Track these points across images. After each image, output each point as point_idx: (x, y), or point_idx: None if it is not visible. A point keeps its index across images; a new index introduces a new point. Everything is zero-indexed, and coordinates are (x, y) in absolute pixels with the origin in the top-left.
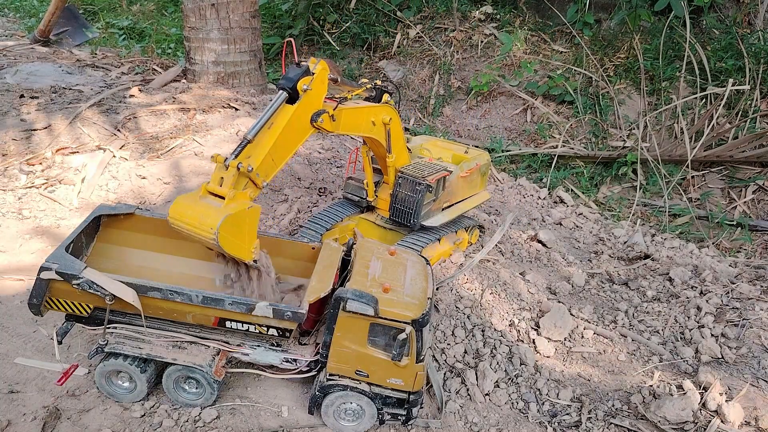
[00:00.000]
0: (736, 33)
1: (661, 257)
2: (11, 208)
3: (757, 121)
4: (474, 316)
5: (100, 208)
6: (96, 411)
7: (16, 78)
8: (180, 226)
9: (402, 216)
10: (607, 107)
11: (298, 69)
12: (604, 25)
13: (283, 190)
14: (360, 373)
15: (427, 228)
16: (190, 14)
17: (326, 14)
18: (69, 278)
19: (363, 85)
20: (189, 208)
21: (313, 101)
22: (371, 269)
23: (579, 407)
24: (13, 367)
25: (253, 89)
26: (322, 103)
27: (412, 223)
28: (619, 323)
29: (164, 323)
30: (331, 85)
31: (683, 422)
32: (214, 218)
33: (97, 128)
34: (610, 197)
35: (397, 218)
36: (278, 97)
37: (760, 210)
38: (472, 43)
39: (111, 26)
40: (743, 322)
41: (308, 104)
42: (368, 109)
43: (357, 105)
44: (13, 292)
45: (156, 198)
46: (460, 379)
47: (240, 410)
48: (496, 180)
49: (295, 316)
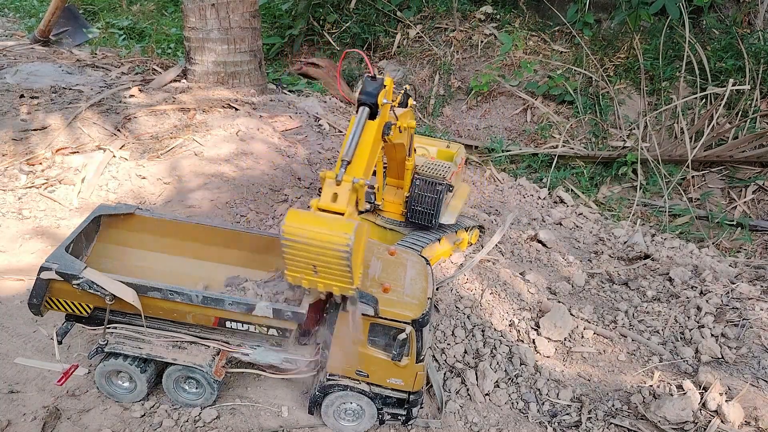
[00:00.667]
0: (736, 33)
1: (661, 257)
2: (11, 208)
3: (757, 121)
4: (474, 316)
5: (100, 208)
6: (96, 411)
7: (16, 78)
8: (299, 240)
9: (422, 217)
10: (607, 107)
11: (375, 82)
12: (604, 25)
13: (283, 190)
14: (360, 373)
15: (443, 226)
16: (190, 14)
17: (326, 14)
18: (69, 278)
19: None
20: (310, 221)
21: (386, 114)
22: (371, 269)
23: (579, 407)
24: (13, 367)
25: (253, 89)
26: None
27: (433, 223)
28: (619, 323)
29: (164, 323)
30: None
31: (683, 422)
32: (348, 227)
33: (97, 128)
34: (610, 197)
35: (417, 220)
36: (362, 114)
37: (760, 210)
38: (472, 43)
39: (111, 26)
40: (743, 322)
41: (384, 118)
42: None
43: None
44: (13, 292)
45: (156, 198)
46: (460, 379)
47: (240, 410)
48: (496, 180)
49: (295, 317)
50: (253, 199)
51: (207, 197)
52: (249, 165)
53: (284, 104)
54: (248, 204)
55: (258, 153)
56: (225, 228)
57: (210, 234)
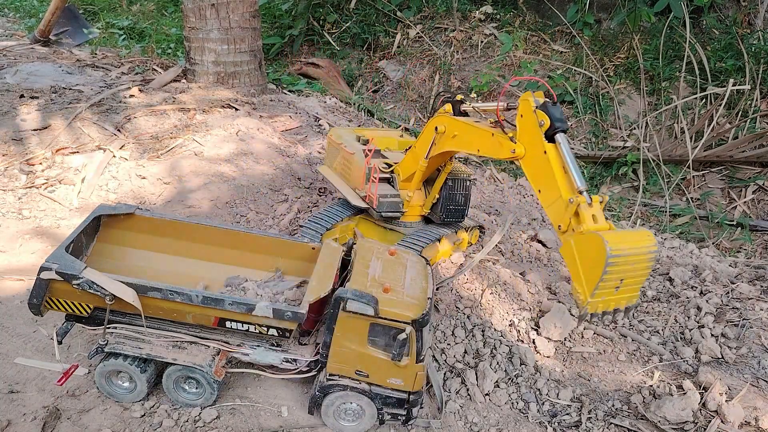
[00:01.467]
0: (736, 33)
1: (661, 257)
2: (11, 208)
3: (757, 121)
4: (474, 316)
5: (100, 208)
6: (96, 411)
7: (16, 78)
8: (626, 253)
9: (455, 214)
10: (607, 107)
11: (559, 106)
12: (604, 25)
13: (283, 190)
14: (360, 373)
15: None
16: (190, 14)
17: (326, 14)
18: (69, 278)
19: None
20: (620, 238)
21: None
22: (371, 269)
23: (579, 407)
24: (13, 367)
25: (253, 89)
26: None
27: (463, 217)
28: (619, 323)
29: (164, 323)
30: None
31: (683, 422)
32: (646, 234)
33: (97, 128)
34: (610, 197)
35: (450, 217)
36: (566, 140)
37: (760, 210)
38: (472, 43)
39: (111, 26)
40: (743, 322)
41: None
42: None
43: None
44: (13, 292)
45: (156, 198)
46: (460, 379)
47: (240, 410)
48: (496, 180)
49: (295, 317)
50: (253, 199)
51: (207, 197)
52: (249, 165)
53: (284, 104)
54: (248, 204)
55: (258, 153)
56: (225, 228)
57: (210, 234)
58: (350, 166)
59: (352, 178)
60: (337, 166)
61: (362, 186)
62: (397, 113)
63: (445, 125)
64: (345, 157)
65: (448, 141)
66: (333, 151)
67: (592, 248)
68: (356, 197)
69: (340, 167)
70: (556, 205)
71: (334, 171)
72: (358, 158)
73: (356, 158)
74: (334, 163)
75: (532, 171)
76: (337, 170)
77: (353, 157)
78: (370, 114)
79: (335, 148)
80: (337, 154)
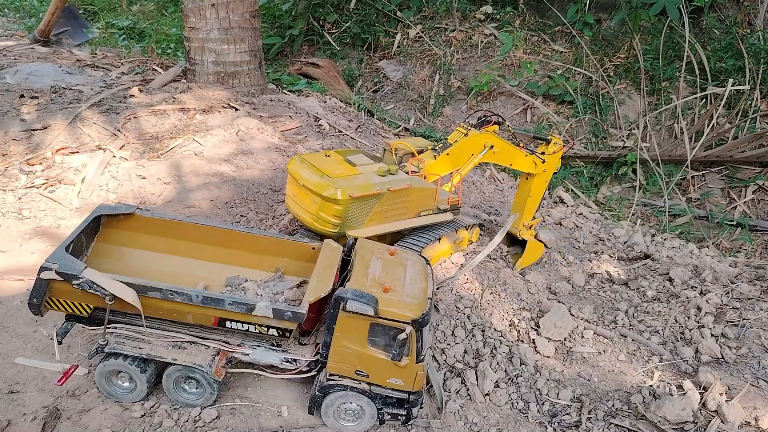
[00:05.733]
0: (736, 33)
1: (661, 257)
2: (11, 208)
3: (757, 121)
4: (474, 316)
5: (100, 208)
6: (96, 411)
7: (16, 78)
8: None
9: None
10: (607, 107)
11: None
12: (604, 25)
13: (282, 190)
14: (360, 373)
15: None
16: (190, 14)
17: (326, 14)
18: (69, 278)
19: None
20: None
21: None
22: (371, 269)
23: (579, 407)
24: (13, 367)
25: (253, 89)
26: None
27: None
28: (619, 323)
29: (164, 323)
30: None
31: (683, 422)
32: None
33: (97, 128)
34: (610, 197)
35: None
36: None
37: (760, 210)
38: (472, 43)
39: (111, 26)
40: (743, 322)
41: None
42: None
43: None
44: (13, 292)
45: (156, 198)
46: (460, 379)
47: (240, 410)
48: (496, 180)
49: (295, 317)
50: (253, 199)
51: (207, 197)
52: (249, 165)
53: (284, 104)
54: (248, 204)
55: (258, 153)
56: (225, 228)
57: (210, 234)
58: (413, 196)
59: (422, 204)
60: (383, 212)
61: (437, 200)
62: (397, 113)
63: (494, 143)
64: (399, 194)
65: (490, 155)
66: (363, 206)
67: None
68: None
69: (395, 208)
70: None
71: (376, 222)
72: (417, 185)
73: (416, 186)
74: (373, 217)
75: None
76: (387, 214)
77: (412, 187)
78: (370, 114)
79: (372, 198)
80: (374, 202)
